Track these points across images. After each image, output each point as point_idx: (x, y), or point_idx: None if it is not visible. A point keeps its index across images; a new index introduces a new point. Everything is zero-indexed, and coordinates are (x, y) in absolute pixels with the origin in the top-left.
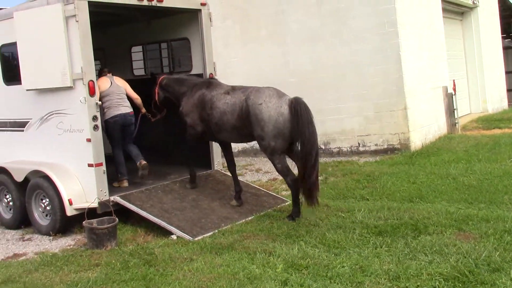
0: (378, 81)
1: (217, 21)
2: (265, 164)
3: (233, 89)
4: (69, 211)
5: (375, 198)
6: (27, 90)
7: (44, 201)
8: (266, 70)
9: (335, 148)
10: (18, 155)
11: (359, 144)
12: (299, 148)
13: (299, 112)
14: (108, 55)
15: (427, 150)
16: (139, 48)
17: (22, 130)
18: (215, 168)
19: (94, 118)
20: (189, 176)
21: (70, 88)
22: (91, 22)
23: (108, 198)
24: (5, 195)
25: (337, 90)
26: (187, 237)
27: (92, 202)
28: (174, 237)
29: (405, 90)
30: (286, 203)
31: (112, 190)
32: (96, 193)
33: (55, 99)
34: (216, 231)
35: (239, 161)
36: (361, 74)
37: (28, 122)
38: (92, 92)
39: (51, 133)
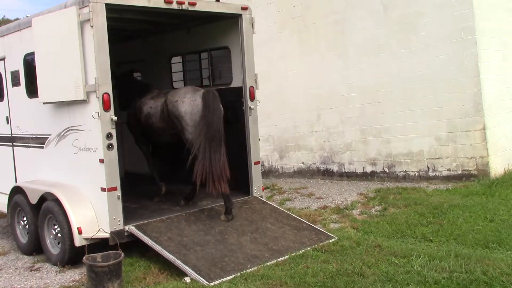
0: (452, 96)
1: (274, 31)
2: (320, 188)
3: (158, 93)
4: (78, 241)
5: (441, 240)
6: (44, 103)
7: (56, 227)
8: (326, 84)
9: (400, 172)
10: (39, 174)
11: (428, 168)
12: (205, 134)
13: (207, 100)
14: (148, 66)
15: (511, 178)
16: (179, 59)
17: (42, 147)
18: (254, 195)
19: (109, 136)
20: (222, 203)
21: (84, 101)
22: (130, 31)
23: (122, 228)
24: (23, 218)
25: (404, 106)
26: (202, 281)
27: (96, 232)
28: (187, 279)
29: (484, 107)
30: (331, 240)
31: (129, 217)
32: (108, 222)
33: (71, 113)
34: (239, 274)
35: (293, 183)
36: (432, 89)
37: (47, 138)
38: (106, 107)
39: (67, 151)
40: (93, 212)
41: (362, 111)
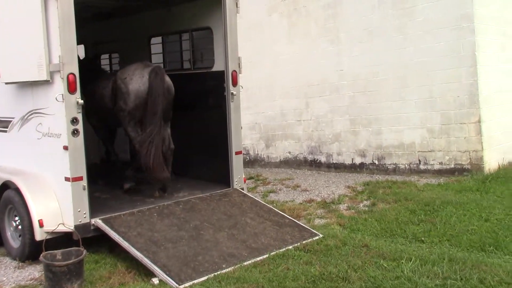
0: (447, 87)
1: (263, 14)
2: (307, 179)
3: (110, 74)
4: (39, 235)
5: (433, 240)
6: (5, 83)
7: (17, 218)
8: (316, 71)
9: (390, 164)
10: (3, 160)
11: (419, 161)
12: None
13: (150, 78)
14: (126, 47)
15: (506, 173)
16: (160, 40)
17: (6, 131)
18: (235, 187)
19: (74, 121)
20: (200, 195)
21: (47, 82)
22: (109, 9)
23: (88, 221)
24: None
25: (397, 96)
26: (171, 282)
27: (57, 225)
28: (155, 280)
29: (480, 99)
30: (315, 238)
31: (98, 209)
32: (73, 214)
33: (34, 95)
34: (212, 275)
35: (279, 173)
36: (427, 78)
37: (11, 121)
38: (72, 89)
39: (31, 136)
40: (56, 204)
41: (353, 100)
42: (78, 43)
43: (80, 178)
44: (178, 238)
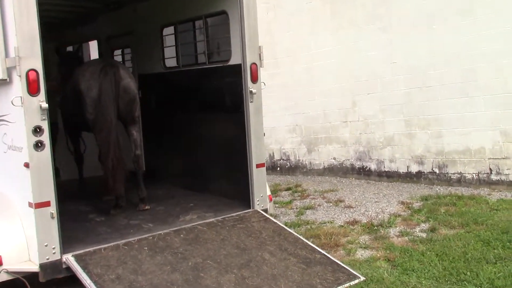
0: None
1: (302, 1)
2: (353, 191)
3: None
4: None
5: None
6: None
7: None
8: (363, 64)
9: (454, 174)
10: None
11: (491, 170)
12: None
13: (100, 77)
14: (138, 40)
15: None
16: (172, 30)
17: None
18: (255, 208)
19: (37, 130)
20: (211, 220)
21: (5, 82)
22: None
23: (59, 258)
24: None
25: (461, 92)
26: None
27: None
28: None
29: None
30: (354, 282)
31: (79, 240)
32: (37, 249)
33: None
34: None
35: (322, 183)
36: (499, 70)
37: None
38: (33, 89)
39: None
40: (23, 235)
41: (408, 97)
42: (90, 38)
43: (47, 204)
44: (168, 284)
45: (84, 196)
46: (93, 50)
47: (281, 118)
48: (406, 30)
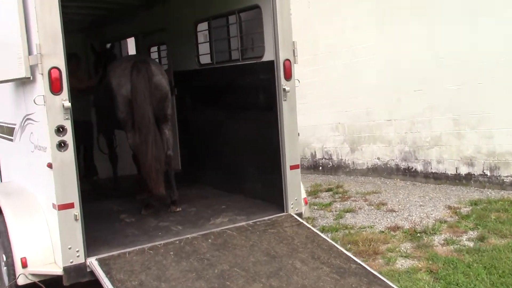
0: None
1: None
2: (397, 193)
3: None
4: (21, 277)
5: None
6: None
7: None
8: (408, 59)
9: (507, 176)
10: (12, 174)
11: None
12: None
13: (132, 75)
14: (173, 37)
15: None
16: (206, 26)
17: (12, 139)
18: (289, 211)
19: (60, 130)
20: (242, 223)
21: (29, 80)
22: None
23: (83, 261)
24: None
25: None
26: None
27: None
28: None
29: None
30: None
31: (105, 243)
32: (61, 252)
33: (26, 97)
34: None
35: (364, 184)
36: None
37: (14, 128)
38: (56, 88)
39: (26, 147)
40: (48, 236)
41: (457, 94)
42: (128, 35)
43: (70, 205)
44: None
45: (118, 195)
46: (131, 47)
47: (323, 115)
48: (453, 24)
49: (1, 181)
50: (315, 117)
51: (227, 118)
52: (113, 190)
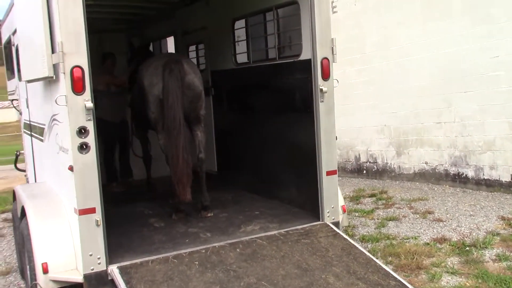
0: None
1: None
2: (445, 201)
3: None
4: (43, 283)
5: None
6: (27, 81)
7: None
8: (459, 59)
9: None
10: (43, 175)
11: None
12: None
13: (164, 74)
14: (211, 35)
15: None
16: (243, 24)
17: (42, 140)
18: (325, 220)
19: (81, 131)
20: (274, 232)
21: (52, 79)
22: None
23: (104, 269)
24: None
25: None
26: None
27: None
28: None
29: None
30: None
31: (129, 249)
32: (82, 259)
33: (53, 96)
34: None
35: (411, 190)
36: None
37: (44, 128)
38: (78, 88)
39: (53, 148)
40: (71, 242)
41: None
42: (168, 34)
43: (91, 210)
44: None
45: (151, 198)
46: (171, 47)
47: (369, 117)
48: (508, 20)
49: (35, 182)
50: (360, 119)
51: (263, 119)
52: (147, 192)
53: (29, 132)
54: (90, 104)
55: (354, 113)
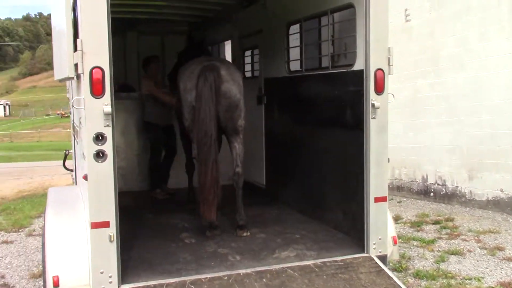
0: None
1: None
2: None
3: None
4: None
5: None
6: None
7: None
8: None
9: None
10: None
11: None
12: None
13: (198, 81)
14: (265, 40)
15: None
16: (298, 29)
17: (77, 142)
18: (369, 253)
19: (99, 138)
20: (312, 261)
21: (73, 80)
22: None
23: None
24: None
25: None
26: None
27: None
28: None
29: None
30: None
31: (152, 266)
32: (91, 276)
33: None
34: None
35: (481, 219)
36: None
37: (78, 130)
38: (97, 90)
39: (80, 153)
40: (86, 257)
41: None
42: (225, 38)
43: (105, 224)
44: None
45: (190, 210)
46: (228, 51)
47: (439, 135)
48: None
49: (76, 184)
50: (429, 136)
51: (313, 133)
52: (188, 203)
53: (72, 132)
54: (108, 109)
55: (423, 129)
